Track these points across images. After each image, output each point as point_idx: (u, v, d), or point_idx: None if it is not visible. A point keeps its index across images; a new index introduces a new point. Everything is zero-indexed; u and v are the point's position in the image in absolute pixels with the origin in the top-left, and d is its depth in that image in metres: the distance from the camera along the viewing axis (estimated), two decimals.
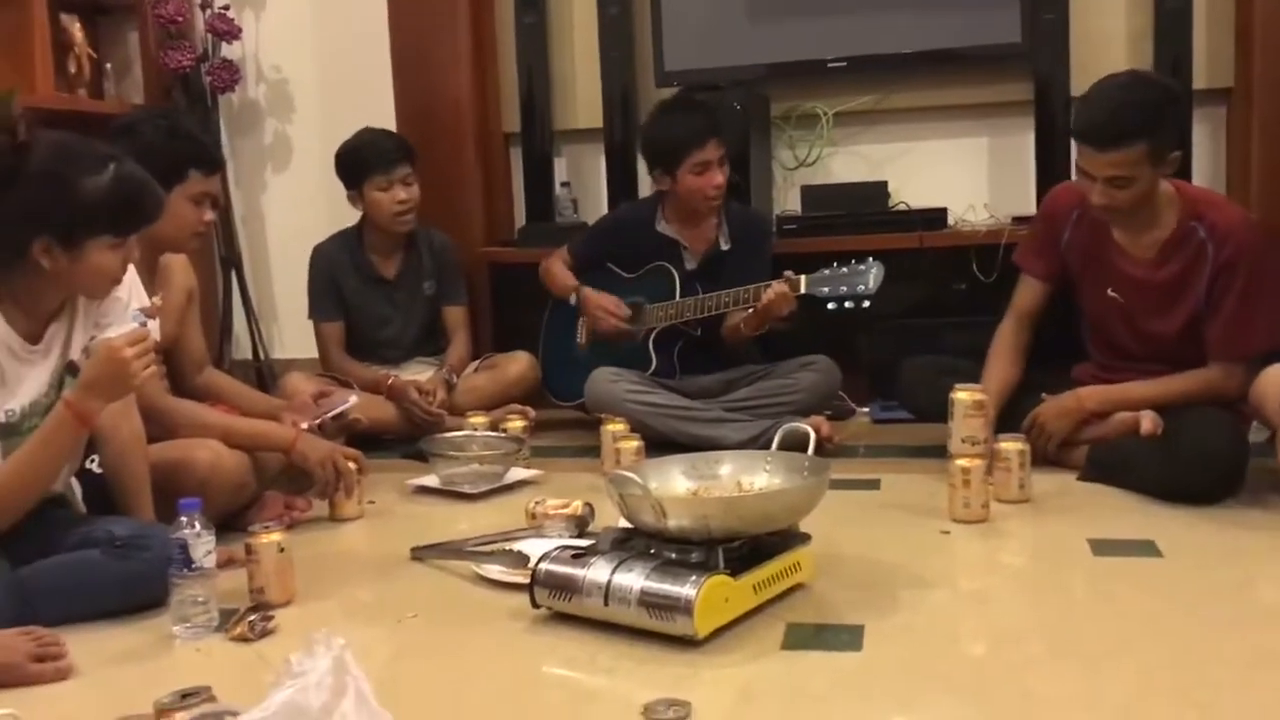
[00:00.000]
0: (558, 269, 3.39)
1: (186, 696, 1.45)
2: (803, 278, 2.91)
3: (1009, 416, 2.70)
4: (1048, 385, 2.75)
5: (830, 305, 2.88)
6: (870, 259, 2.89)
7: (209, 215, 2.61)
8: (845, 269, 2.89)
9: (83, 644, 1.85)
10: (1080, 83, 3.41)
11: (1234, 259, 2.53)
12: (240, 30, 4.06)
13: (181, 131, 2.58)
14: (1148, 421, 2.56)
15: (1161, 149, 2.48)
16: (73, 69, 3.71)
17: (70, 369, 2.08)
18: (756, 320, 3.02)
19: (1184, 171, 3.36)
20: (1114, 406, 2.64)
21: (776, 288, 2.91)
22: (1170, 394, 2.60)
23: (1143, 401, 2.61)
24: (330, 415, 2.80)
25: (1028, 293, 2.83)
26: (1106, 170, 2.48)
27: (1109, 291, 2.70)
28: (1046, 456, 2.66)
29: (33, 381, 2.02)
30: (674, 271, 3.21)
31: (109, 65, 3.98)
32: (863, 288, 2.85)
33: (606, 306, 3.25)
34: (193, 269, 2.77)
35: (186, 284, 2.73)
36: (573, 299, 3.32)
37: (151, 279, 2.56)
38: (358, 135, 3.46)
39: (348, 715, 1.05)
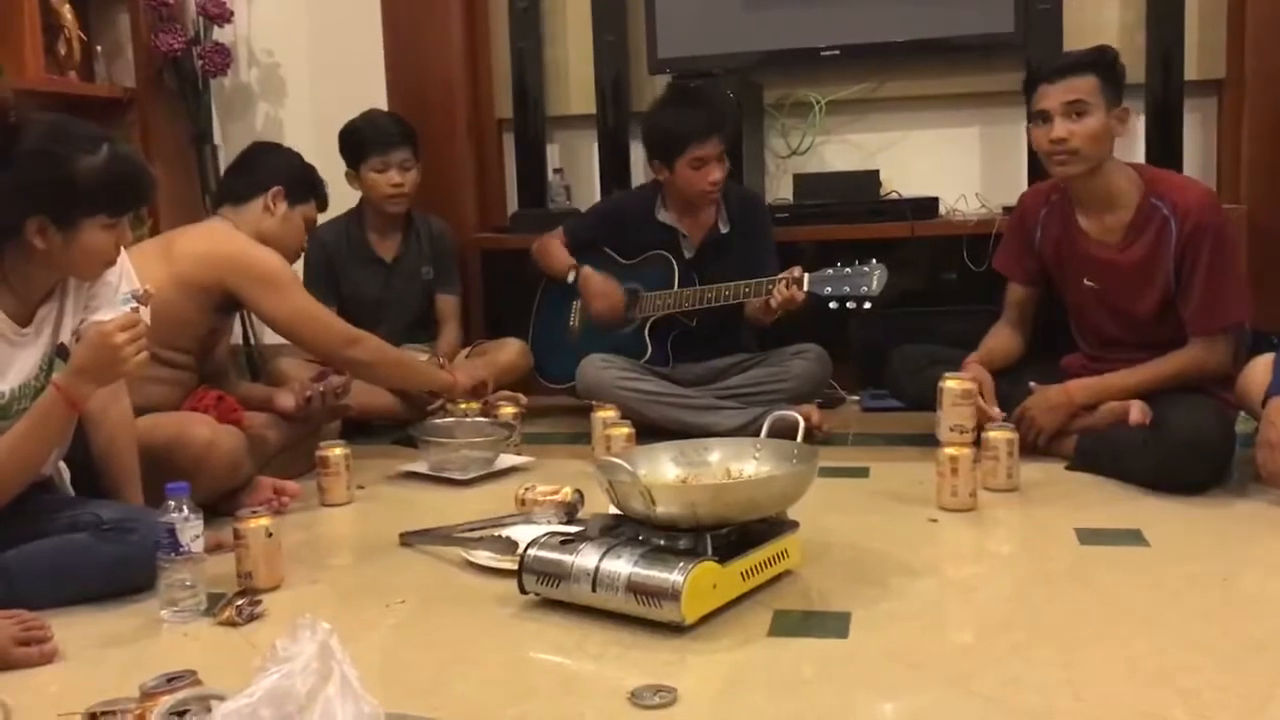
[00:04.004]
0: (555, 247, 3.37)
1: (172, 680, 1.45)
2: (805, 276, 2.90)
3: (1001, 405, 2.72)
4: (1037, 376, 2.76)
5: (832, 305, 2.88)
6: (874, 260, 2.88)
7: (305, 240, 2.90)
8: (849, 269, 2.89)
9: (69, 627, 1.85)
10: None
11: (1197, 233, 2.56)
12: (232, 13, 4.04)
13: (301, 161, 2.89)
14: (1136, 411, 2.57)
15: (1111, 90, 2.60)
16: (63, 51, 3.69)
17: (60, 352, 2.07)
18: (769, 312, 3.01)
19: (1174, 162, 3.38)
20: (1103, 397, 2.65)
21: (781, 292, 2.90)
22: (1157, 378, 2.61)
23: (1130, 390, 2.62)
24: (334, 386, 2.80)
25: (1015, 292, 2.90)
26: (1064, 95, 2.59)
27: (1085, 281, 2.73)
28: (1036, 448, 2.67)
29: (22, 364, 2.02)
30: (673, 261, 3.20)
31: (99, 48, 3.96)
32: (865, 289, 2.85)
33: (604, 291, 3.24)
34: None
35: None
36: (570, 277, 3.31)
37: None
38: (362, 115, 3.46)
39: (332, 700, 1.05)
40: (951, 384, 2.53)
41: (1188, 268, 2.58)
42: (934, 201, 3.61)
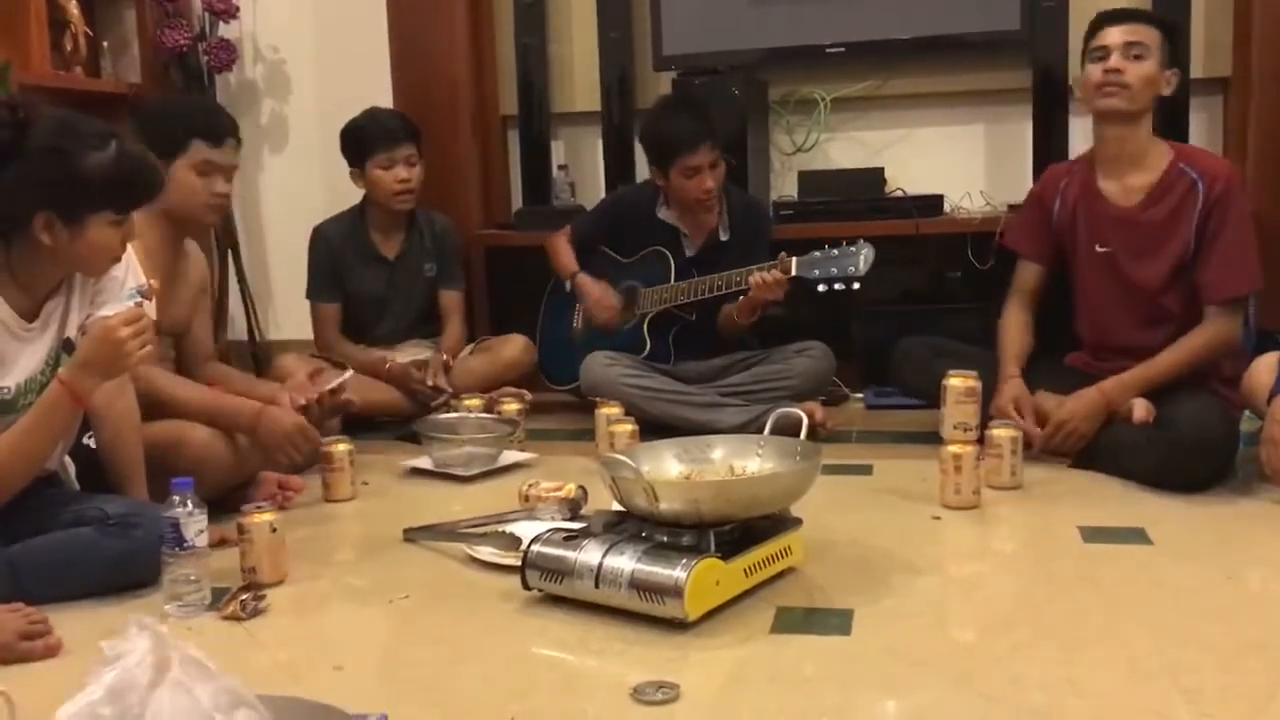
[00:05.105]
0: (563, 247, 3.39)
1: None
2: (793, 260, 2.91)
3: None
4: (1047, 378, 2.75)
5: (820, 287, 2.87)
6: (861, 240, 2.88)
7: (221, 187, 2.60)
8: (836, 251, 2.89)
9: (74, 622, 1.86)
10: (1079, 70, 3.40)
11: (1225, 198, 2.59)
12: (238, 9, 4.05)
13: (183, 102, 2.57)
14: (1140, 409, 2.56)
15: (1169, 50, 2.66)
16: (69, 47, 3.70)
17: (66, 346, 2.08)
18: (749, 307, 3.02)
19: None
20: (1135, 391, 2.60)
21: (761, 275, 2.91)
22: (1184, 359, 2.59)
23: (1160, 377, 2.59)
24: (329, 388, 2.78)
25: (1025, 273, 2.89)
26: (1127, 35, 2.64)
27: (1097, 248, 2.73)
28: (1064, 452, 2.65)
29: (28, 359, 2.02)
30: (670, 258, 3.21)
31: (105, 43, 3.97)
32: (853, 269, 2.85)
33: (599, 300, 3.25)
34: (205, 260, 2.79)
35: (201, 276, 2.75)
36: (568, 285, 3.32)
37: (175, 262, 2.58)
38: (364, 113, 3.45)
39: (181, 681, 1.05)
40: (955, 382, 2.52)
41: (1211, 231, 2.59)
42: (939, 199, 3.60)
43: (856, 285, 2.84)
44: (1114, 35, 2.64)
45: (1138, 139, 2.67)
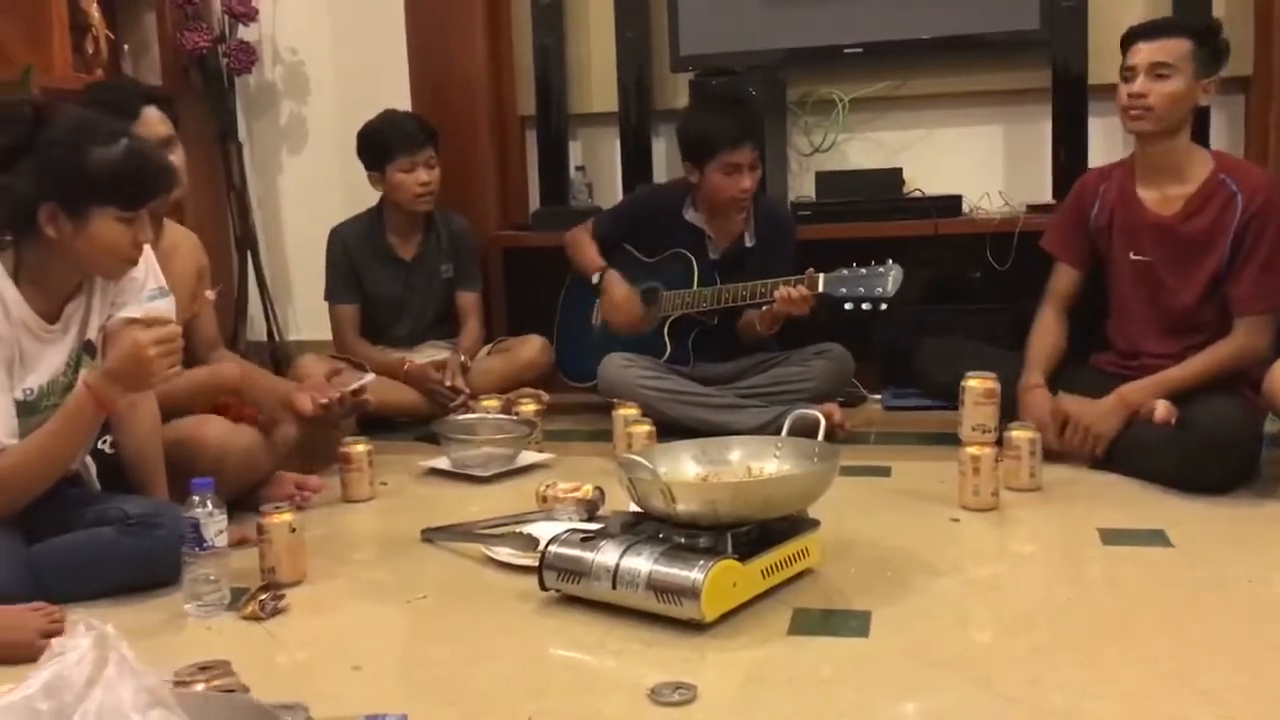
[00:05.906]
0: (586, 242, 3.36)
1: (205, 669, 1.47)
2: (820, 276, 2.89)
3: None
4: (1071, 375, 2.74)
5: (847, 306, 2.86)
6: (890, 261, 2.86)
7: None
8: (864, 270, 2.86)
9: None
10: (1098, 71, 3.40)
11: (1265, 211, 2.57)
12: (257, 12, 4.07)
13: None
14: (1161, 409, 2.54)
15: (1205, 58, 2.60)
16: (90, 49, 3.71)
17: (87, 348, 2.09)
18: (771, 319, 3.01)
19: None
20: (1156, 396, 2.58)
21: (787, 290, 2.90)
22: (1209, 369, 2.57)
23: (1184, 384, 2.57)
24: (350, 390, 2.79)
25: (1061, 277, 2.87)
26: (1153, 55, 2.59)
27: (1132, 255, 2.71)
28: (1092, 458, 2.62)
29: (50, 360, 2.04)
30: (694, 261, 3.19)
31: (126, 46, 3.99)
32: (880, 290, 2.83)
33: (621, 303, 3.21)
34: (203, 248, 2.79)
35: (197, 263, 2.75)
36: (595, 278, 3.31)
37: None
38: (380, 116, 3.46)
39: (112, 680, 1.07)
40: (973, 383, 2.52)
41: (1248, 244, 2.57)
42: (957, 200, 3.59)
43: (883, 307, 2.83)
44: (1141, 55, 2.61)
45: (1175, 151, 2.65)
